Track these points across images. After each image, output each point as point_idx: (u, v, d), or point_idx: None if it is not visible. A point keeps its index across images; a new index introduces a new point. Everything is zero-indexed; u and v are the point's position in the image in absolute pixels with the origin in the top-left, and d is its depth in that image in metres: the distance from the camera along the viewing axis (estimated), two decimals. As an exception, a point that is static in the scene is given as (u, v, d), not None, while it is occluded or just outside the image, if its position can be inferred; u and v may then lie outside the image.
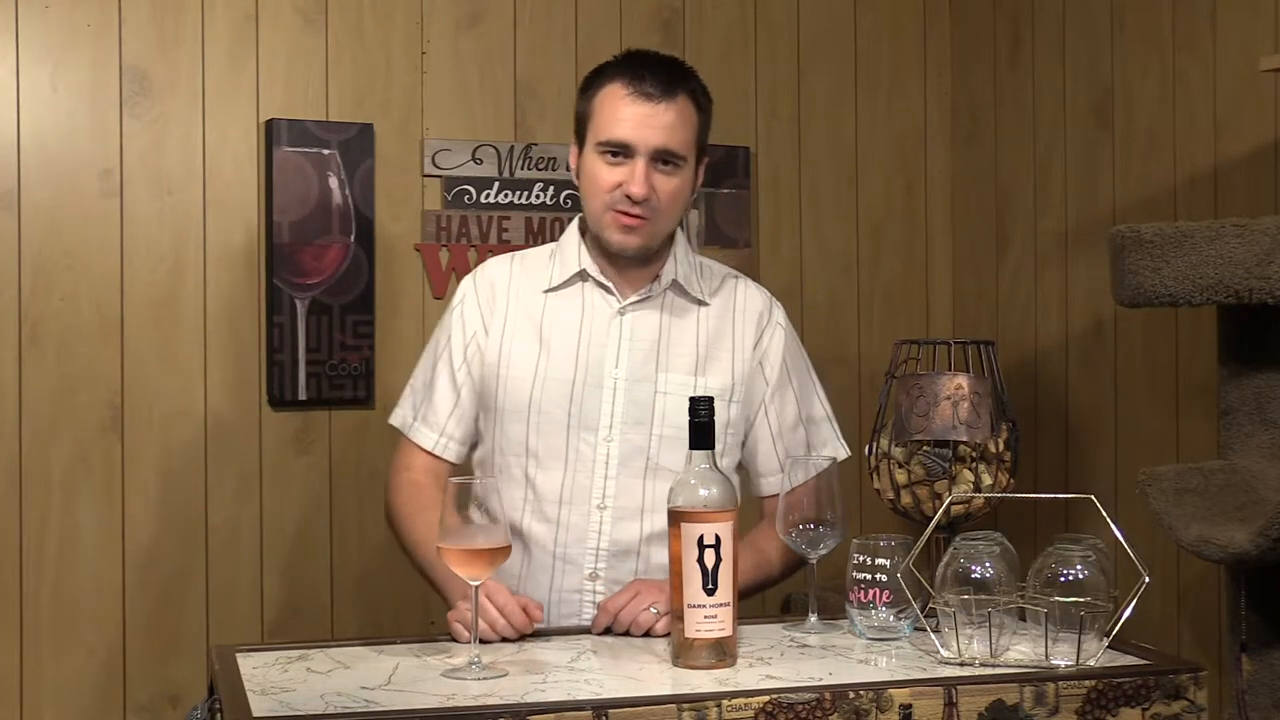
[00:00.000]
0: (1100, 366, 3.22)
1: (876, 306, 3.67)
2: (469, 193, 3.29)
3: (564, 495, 2.18)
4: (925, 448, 2.20)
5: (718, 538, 1.82)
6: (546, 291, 2.24)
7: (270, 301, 3.14)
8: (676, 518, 1.84)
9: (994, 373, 2.27)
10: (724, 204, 3.50)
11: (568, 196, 3.35)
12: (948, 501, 2.09)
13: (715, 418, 2.14)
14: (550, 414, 2.18)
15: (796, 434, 2.28)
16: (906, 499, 2.23)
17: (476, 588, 1.85)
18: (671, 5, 3.49)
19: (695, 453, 1.87)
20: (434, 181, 3.28)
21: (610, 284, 2.23)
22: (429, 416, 2.26)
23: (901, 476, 2.23)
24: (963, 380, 2.21)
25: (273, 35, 3.17)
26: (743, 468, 2.32)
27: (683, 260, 2.26)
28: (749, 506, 2.22)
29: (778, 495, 2.11)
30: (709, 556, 1.82)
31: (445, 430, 2.26)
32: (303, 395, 3.13)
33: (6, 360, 2.98)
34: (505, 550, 1.85)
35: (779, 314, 2.32)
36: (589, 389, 2.18)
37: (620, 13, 3.44)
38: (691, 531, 1.82)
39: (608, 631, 2.05)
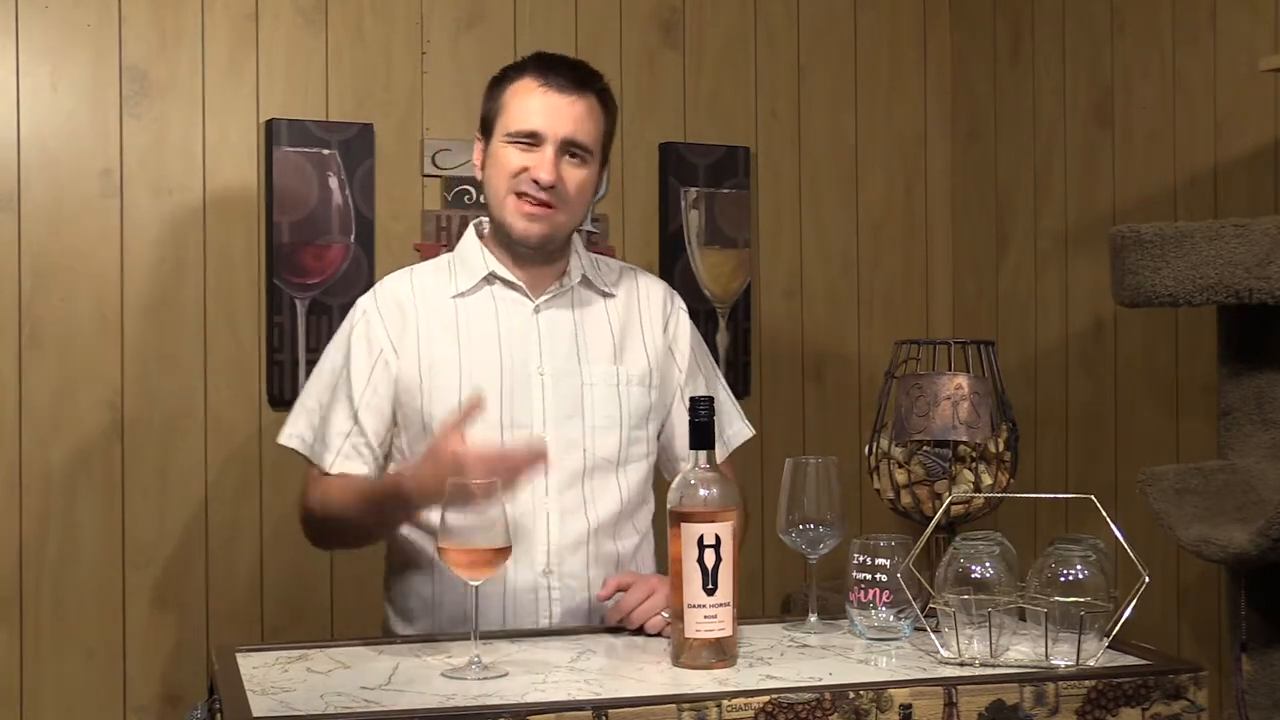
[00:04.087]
0: (1100, 366, 3.22)
1: (876, 306, 3.68)
2: (469, 193, 3.29)
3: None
4: (925, 448, 2.20)
5: (718, 538, 1.82)
6: (455, 297, 2.22)
7: (270, 301, 3.14)
8: (677, 518, 1.84)
9: (994, 373, 2.27)
10: (724, 204, 3.50)
11: (568, 196, 3.35)
12: (948, 501, 2.09)
13: (638, 404, 2.22)
14: (483, 415, 2.14)
15: None
16: (906, 499, 2.23)
17: (476, 588, 1.85)
18: (671, 5, 3.49)
19: (695, 453, 1.87)
20: (434, 181, 3.29)
21: (520, 283, 2.22)
22: (329, 438, 2.20)
23: (901, 476, 2.23)
24: (963, 380, 2.21)
25: (273, 35, 3.17)
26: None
27: (584, 256, 2.28)
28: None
29: None
30: (709, 556, 1.82)
31: (343, 451, 2.20)
32: (303, 395, 3.13)
33: (6, 360, 2.98)
34: (506, 550, 1.84)
35: (679, 301, 2.36)
36: (518, 386, 2.18)
37: (620, 13, 3.44)
38: (691, 531, 1.82)
39: (611, 630, 2.05)
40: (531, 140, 2.14)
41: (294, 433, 2.25)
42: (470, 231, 2.28)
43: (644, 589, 2.05)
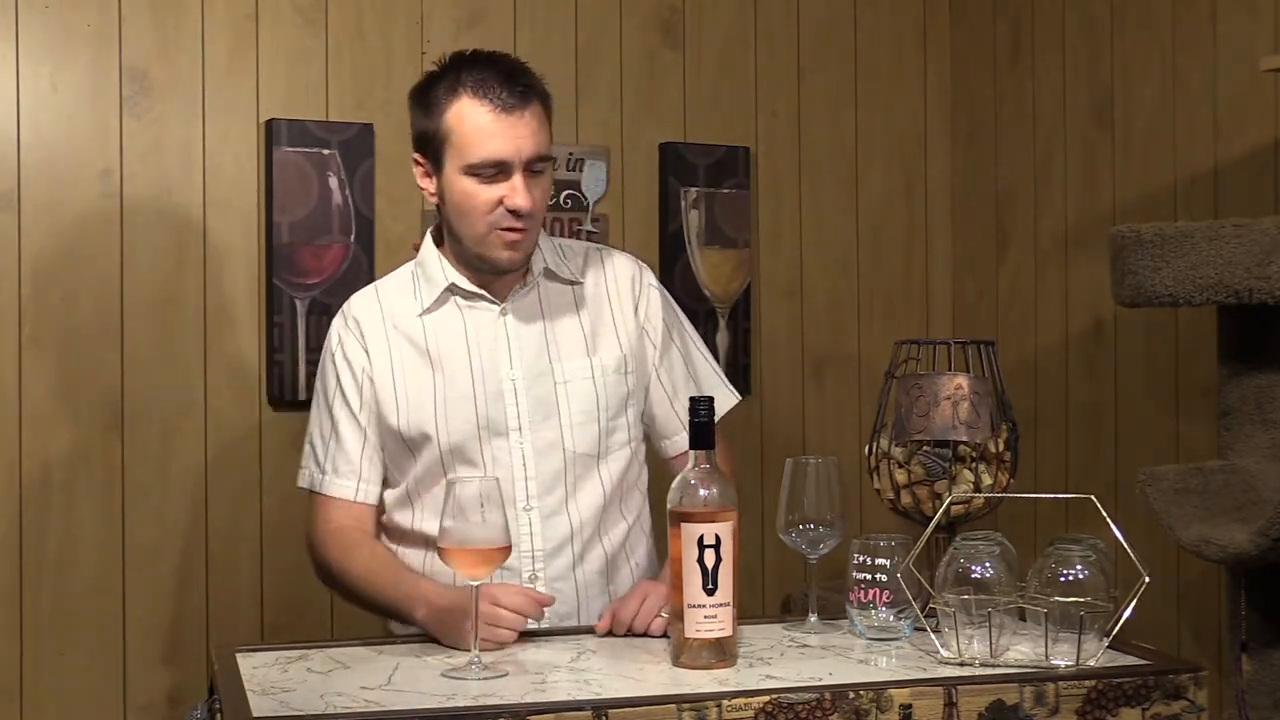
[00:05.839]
0: (1100, 366, 3.22)
1: (876, 306, 3.67)
2: (469, 193, 3.29)
3: None
4: (925, 448, 2.20)
5: (718, 538, 1.82)
6: (422, 315, 2.19)
7: (270, 301, 3.14)
8: (677, 518, 1.84)
9: (994, 373, 2.26)
10: (724, 204, 3.50)
11: (567, 196, 3.35)
12: (948, 501, 2.09)
13: (614, 392, 2.21)
14: (460, 431, 2.15)
15: (688, 389, 2.28)
16: (906, 499, 2.23)
17: (477, 588, 1.85)
18: (671, 5, 3.49)
19: (695, 453, 1.87)
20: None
21: (483, 290, 2.19)
22: (341, 466, 2.19)
23: (901, 476, 2.22)
24: (963, 380, 2.21)
25: (273, 35, 3.17)
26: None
27: (546, 246, 2.24)
28: (662, 478, 2.25)
29: (686, 452, 2.07)
30: (709, 556, 1.82)
31: (362, 474, 2.19)
32: (303, 395, 3.12)
33: (6, 360, 2.98)
34: (506, 550, 1.85)
35: (649, 276, 2.32)
36: (490, 397, 2.16)
37: (620, 13, 3.44)
38: (691, 531, 1.82)
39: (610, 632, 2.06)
40: (497, 169, 2.08)
41: (306, 472, 2.25)
42: (428, 240, 2.25)
43: (635, 599, 2.05)
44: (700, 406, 1.88)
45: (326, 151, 3.17)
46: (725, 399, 2.35)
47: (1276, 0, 2.75)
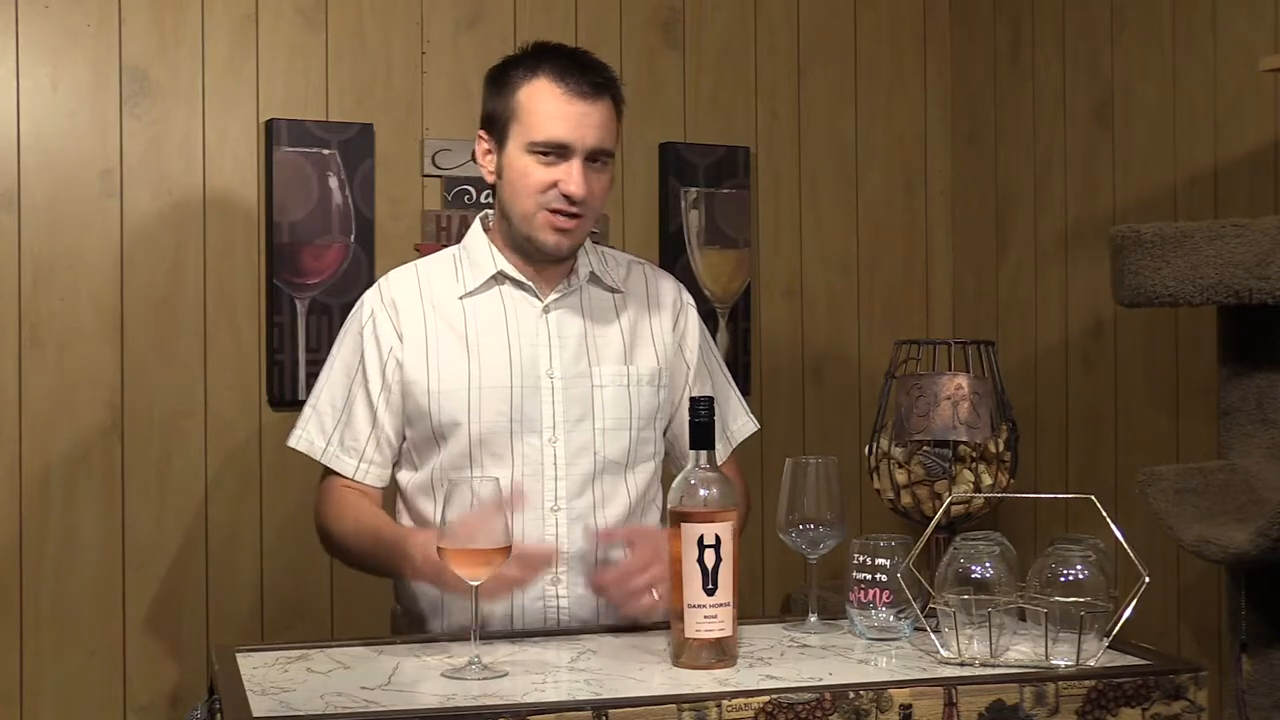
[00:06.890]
0: (1100, 366, 3.22)
1: (876, 306, 3.68)
2: (469, 193, 3.29)
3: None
4: (925, 448, 2.20)
5: (718, 538, 1.82)
6: (463, 297, 2.19)
7: (270, 301, 3.14)
8: (677, 518, 1.84)
9: (994, 373, 2.27)
10: (724, 204, 3.50)
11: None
12: (948, 501, 2.09)
13: (647, 404, 2.21)
14: (492, 422, 2.14)
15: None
16: (906, 499, 2.23)
17: (477, 588, 1.85)
18: (671, 5, 3.49)
19: (695, 453, 1.87)
20: (434, 181, 3.29)
21: (529, 282, 2.19)
22: (347, 442, 2.19)
23: (901, 476, 2.23)
24: (963, 380, 2.21)
25: (273, 35, 3.17)
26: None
27: (591, 251, 2.25)
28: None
29: None
30: (709, 556, 1.82)
31: (365, 455, 2.19)
32: (303, 395, 3.12)
33: (6, 360, 2.98)
34: (506, 550, 1.85)
35: (688, 296, 2.34)
36: (527, 392, 2.15)
37: (620, 13, 3.44)
38: (691, 531, 1.82)
39: (611, 630, 2.05)
40: (557, 151, 2.10)
41: (304, 436, 2.23)
42: (477, 226, 2.24)
43: (647, 553, 2.05)
44: (700, 406, 1.88)
45: (326, 151, 3.17)
46: (745, 426, 2.38)
47: (1276, 0, 2.75)
